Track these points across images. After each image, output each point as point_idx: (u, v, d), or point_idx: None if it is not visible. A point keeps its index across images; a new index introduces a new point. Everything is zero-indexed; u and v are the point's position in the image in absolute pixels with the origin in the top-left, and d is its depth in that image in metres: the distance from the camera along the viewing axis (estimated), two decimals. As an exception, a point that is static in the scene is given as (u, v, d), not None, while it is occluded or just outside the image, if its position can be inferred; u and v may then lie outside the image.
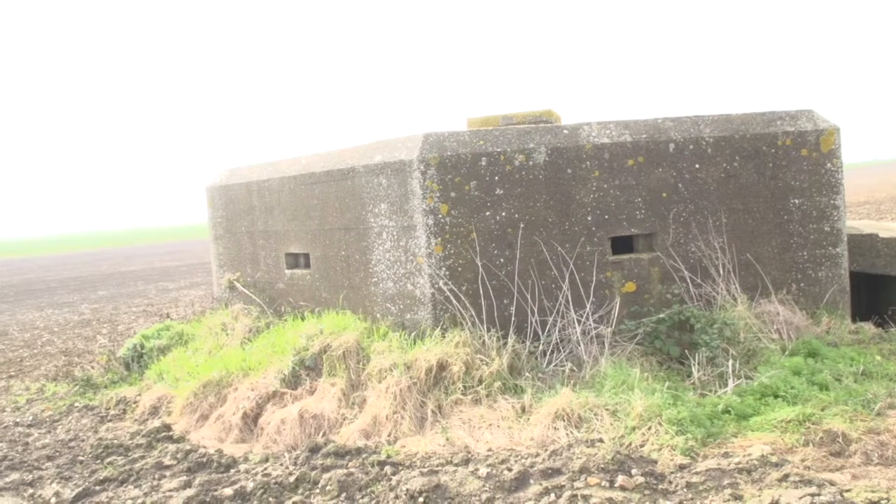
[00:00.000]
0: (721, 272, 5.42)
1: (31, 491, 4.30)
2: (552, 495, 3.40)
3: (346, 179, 5.91)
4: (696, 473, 3.50)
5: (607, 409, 4.21)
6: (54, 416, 6.00)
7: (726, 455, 3.68)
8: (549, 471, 3.64)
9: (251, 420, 5.00)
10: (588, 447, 3.89)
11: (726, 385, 4.53)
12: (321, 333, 5.38)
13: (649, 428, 3.96)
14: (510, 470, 3.69)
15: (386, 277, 5.61)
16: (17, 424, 5.86)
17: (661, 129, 5.60)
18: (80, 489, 4.16)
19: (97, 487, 4.21)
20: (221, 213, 7.62)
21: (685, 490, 3.37)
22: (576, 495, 3.32)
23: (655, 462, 3.68)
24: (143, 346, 6.78)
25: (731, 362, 4.65)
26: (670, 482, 3.47)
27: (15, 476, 4.57)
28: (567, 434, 4.08)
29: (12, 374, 8.12)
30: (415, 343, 5.11)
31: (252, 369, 5.43)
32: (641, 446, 3.86)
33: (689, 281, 5.42)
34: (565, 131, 5.51)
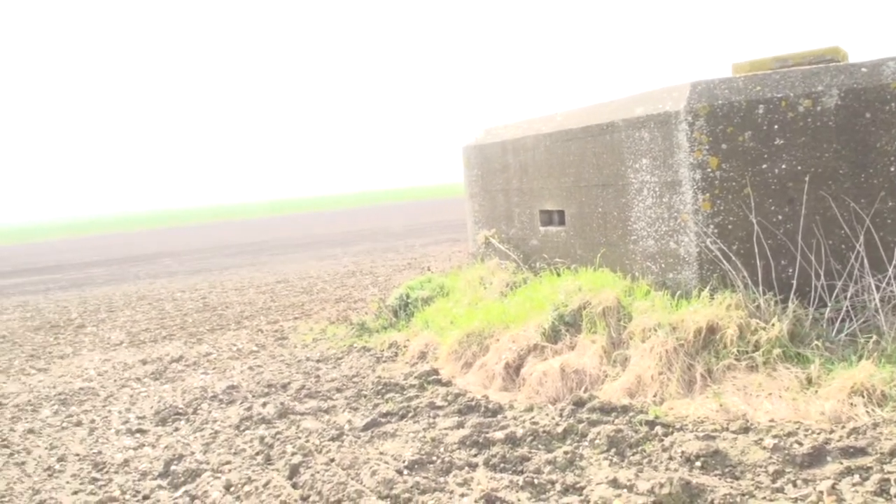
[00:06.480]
0: None
1: (327, 417, 4.90)
2: (856, 476, 3.06)
3: (603, 134, 5.77)
4: None
5: (919, 388, 3.67)
6: (338, 355, 6.77)
7: None
8: (851, 449, 3.27)
9: (513, 370, 5.18)
10: (897, 428, 3.44)
11: None
12: (579, 290, 5.38)
13: (979, 413, 3.38)
14: (800, 444, 3.39)
15: (646, 235, 5.42)
16: (308, 359, 6.71)
17: None
18: (369, 419, 4.64)
19: (382, 419, 4.67)
20: (476, 171, 7.91)
21: None
22: (888, 479, 2.95)
23: None
24: (408, 296, 7.34)
25: None
26: None
27: (313, 403, 5.24)
28: (868, 412, 3.64)
29: (297, 316, 9.30)
30: (678, 303, 4.90)
31: (511, 322, 5.61)
32: (969, 434, 3.32)
33: None
34: (863, 69, 4.80)
